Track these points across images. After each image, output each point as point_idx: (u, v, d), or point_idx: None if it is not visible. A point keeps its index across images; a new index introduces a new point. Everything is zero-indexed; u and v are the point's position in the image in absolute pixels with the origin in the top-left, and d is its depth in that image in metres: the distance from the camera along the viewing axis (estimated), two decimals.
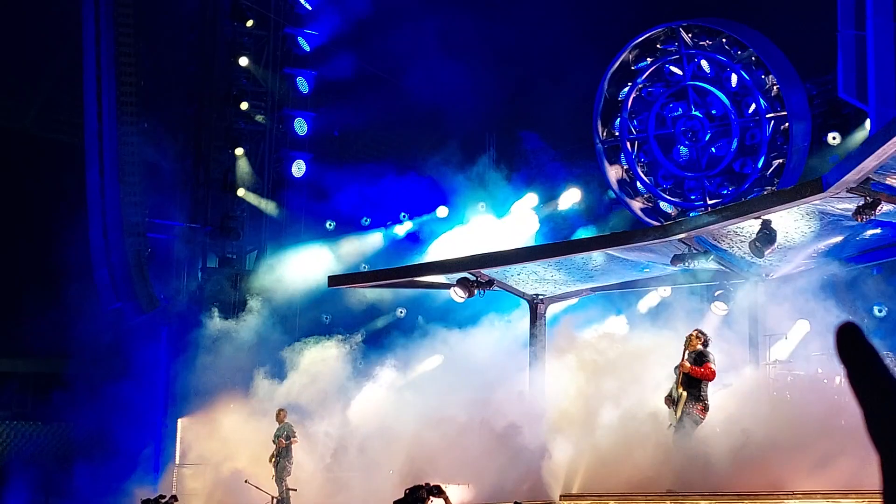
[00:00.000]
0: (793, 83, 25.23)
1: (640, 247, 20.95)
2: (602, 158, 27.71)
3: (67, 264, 28.79)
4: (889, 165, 15.54)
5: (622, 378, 17.87)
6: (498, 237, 29.15)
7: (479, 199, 31.83)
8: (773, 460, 13.07)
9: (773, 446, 13.58)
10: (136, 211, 29.24)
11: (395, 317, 29.93)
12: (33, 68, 29.30)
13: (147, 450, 29.64)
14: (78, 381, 28.59)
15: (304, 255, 31.69)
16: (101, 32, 29.64)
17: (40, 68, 29.37)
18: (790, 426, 14.42)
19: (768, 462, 13.07)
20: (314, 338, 27.40)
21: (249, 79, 31.17)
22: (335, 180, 31.85)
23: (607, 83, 27.39)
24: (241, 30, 31.03)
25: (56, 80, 30.13)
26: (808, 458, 12.80)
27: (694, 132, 26.53)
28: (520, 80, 28.94)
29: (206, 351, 29.73)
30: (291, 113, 31.61)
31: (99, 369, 28.31)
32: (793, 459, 12.92)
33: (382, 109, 30.79)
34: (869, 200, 16.62)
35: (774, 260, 20.07)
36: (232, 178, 30.80)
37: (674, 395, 14.60)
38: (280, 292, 31.36)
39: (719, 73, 26.20)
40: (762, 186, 25.26)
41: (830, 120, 24.93)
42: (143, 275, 29.26)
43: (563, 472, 16.11)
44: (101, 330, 28.80)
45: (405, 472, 17.66)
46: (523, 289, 24.41)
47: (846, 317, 18.52)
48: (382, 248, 31.01)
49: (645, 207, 27.40)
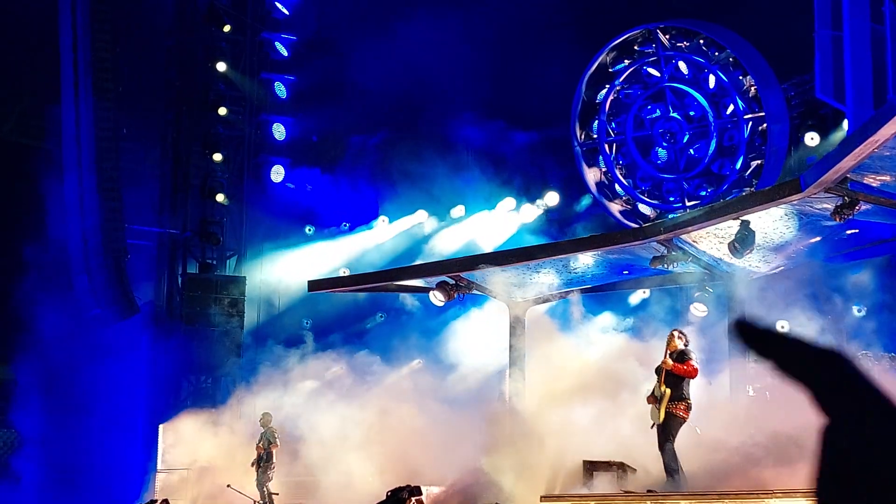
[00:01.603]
0: (770, 84, 25.33)
1: (619, 249, 21.03)
2: (580, 161, 27.77)
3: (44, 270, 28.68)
4: (867, 165, 15.62)
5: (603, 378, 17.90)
6: (478, 239, 29.20)
7: (458, 202, 31.87)
8: (753, 459, 13.11)
9: (753, 445, 13.62)
10: (114, 216, 29.11)
11: (374, 320, 29.93)
12: (10, 75, 29.14)
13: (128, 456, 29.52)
14: (55, 388, 28.46)
15: (284, 259, 31.67)
16: (78, 39, 29.51)
17: (17, 75, 29.21)
18: (770, 425, 14.46)
19: (748, 461, 13.11)
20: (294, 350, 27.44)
21: (227, 84, 31.10)
22: (314, 185, 31.83)
23: (585, 85, 27.45)
24: (219, 35, 30.96)
25: (33, 86, 29.96)
26: (788, 457, 12.83)
27: (672, 134, 26.61)
28: (499, 82, 28.94)
29: (186, 356, 29.68)
30: (269, 118, 31.55)
31: (77, 375, 28.18)
32: (773, 458, 12.96)
33: (361, 114, 30.78)
34: (847, 200, 16.71)
35: (754, 261, 20.13)
36: (211, 183, 30.72)
37: (657, 393, 14.62)
38: (260, 297, 31.35)
39: (697, 75, 26.29)
40: (741, 187, 25.36)
41: (808, 120, 25.03)
42: (123, 281, 29.14)
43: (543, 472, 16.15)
44: (80, 336, 28.67)
45: (389, 473, 17.67)
46: (503, 291, 24.45)
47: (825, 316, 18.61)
48: (362, 251, 30.99)
49: (624, 210, 27.47)
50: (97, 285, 29.03)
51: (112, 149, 29.37)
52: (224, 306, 29.86)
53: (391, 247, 30.61)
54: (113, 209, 29.08)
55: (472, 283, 23.87)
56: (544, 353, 20.82)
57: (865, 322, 19.87)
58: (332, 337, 28.22)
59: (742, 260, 19.37)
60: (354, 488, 20.53)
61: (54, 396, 28.53)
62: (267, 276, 31.67)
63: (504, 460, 17.16)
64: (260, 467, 22.57)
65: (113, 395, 28.97)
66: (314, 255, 31.84)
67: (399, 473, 17.76)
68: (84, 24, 29.48)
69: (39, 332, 28.27)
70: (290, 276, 31.43)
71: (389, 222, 31.60)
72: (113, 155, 29.33)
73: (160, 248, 31.34)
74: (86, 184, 29.17)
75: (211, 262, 31.02)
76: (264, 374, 30.94)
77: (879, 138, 14.20)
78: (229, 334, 29.81)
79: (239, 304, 30.10)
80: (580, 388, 18.08)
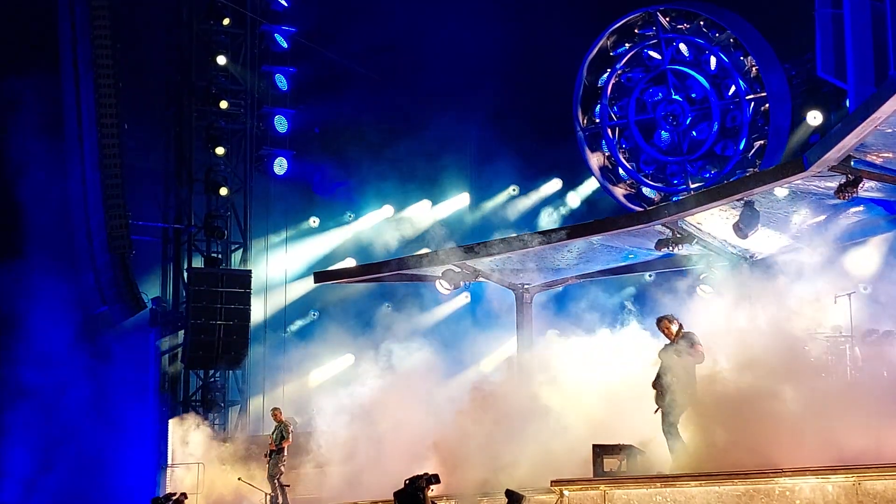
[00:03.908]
0: (771, 64, 25.26)
1: (624, 233, 20.99)
2: (583, 146, 27.72)
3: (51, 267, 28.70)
4: (869, 142, 15.58)
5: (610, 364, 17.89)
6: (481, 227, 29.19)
7: (462, 190, 31.87)
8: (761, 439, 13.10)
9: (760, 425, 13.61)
10: (119, 213, 29.08)
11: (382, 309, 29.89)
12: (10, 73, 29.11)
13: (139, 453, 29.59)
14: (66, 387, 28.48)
15: (289, 251, 31.69)
16: (77, 37, 29.50)
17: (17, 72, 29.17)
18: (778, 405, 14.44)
19: (756, 441, 13.09)
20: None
21: (228, 77, 31.08)
22: (318, 177, 31.81)
23: (586, 70, 27.40)
24: (218, 28, 30.93)
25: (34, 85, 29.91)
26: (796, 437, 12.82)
27: (674, 116, 26.56)
28: (501, 71, 28.85)
29: (193, 351, 29.69)
30: (271, 110, 31.52)
31: (85, 373, 28.19)
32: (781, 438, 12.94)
33: (362, 104, 30.73)
34: (851, 178, 16.66)
35: (758, 241, 20.09)
36: (214, 177, 30.71)
37: (662, 380, 14.56)
38: (267, 290, 31.36)
39: (698, 57, 26.22)
40: (744, 168, 25.31)
41: (810, 99, 24.95)
42: (129, 277, 29.12)
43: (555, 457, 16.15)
44: (87, 333, 28.70)
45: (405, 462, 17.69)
46: (508, 279, 24.44)
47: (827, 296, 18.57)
48: (368, 242, 30.96)
49: (628, 193, 27.43)
50: (103, 283, 29.04)
51: (114, 145, 29.34)
52: (230, 300, 29.84)
53: (396, 236, 30.56)
54: (117, 206, 29.05)
55: (479, 270, 23.87)
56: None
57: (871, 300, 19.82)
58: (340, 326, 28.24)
59: (747, 240, 19.33)
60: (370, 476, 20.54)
61: (62, 395, 28.54)
62: (272, 269, 31.67)
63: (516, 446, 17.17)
64: (271, 460, 22.59)
65: (121, 391, 28.99)
66: (319, 247, 31.86)
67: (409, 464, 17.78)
68: (83, 22, 29.45)
69: (46, 331, 28.29)
70: (296, 267, 31.46)
71: (394, 212, 31.59)
72: (115, 152, 29.29)
73: (165, 243, 31.33)
74: (89, 181, 29.17)
75: (216, 256, 31.01)
76: (272, 367, 31.06)
77: (881, 115, 14.17)
78: (236, 328, 29.81)
79: (245, 298, 30.08)
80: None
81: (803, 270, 18.96)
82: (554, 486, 13.61)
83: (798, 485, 11.23)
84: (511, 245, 22.38)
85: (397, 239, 29.58)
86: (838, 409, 13.50)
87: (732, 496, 11.71)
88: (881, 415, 12.69)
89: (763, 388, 15.03)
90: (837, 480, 10.96)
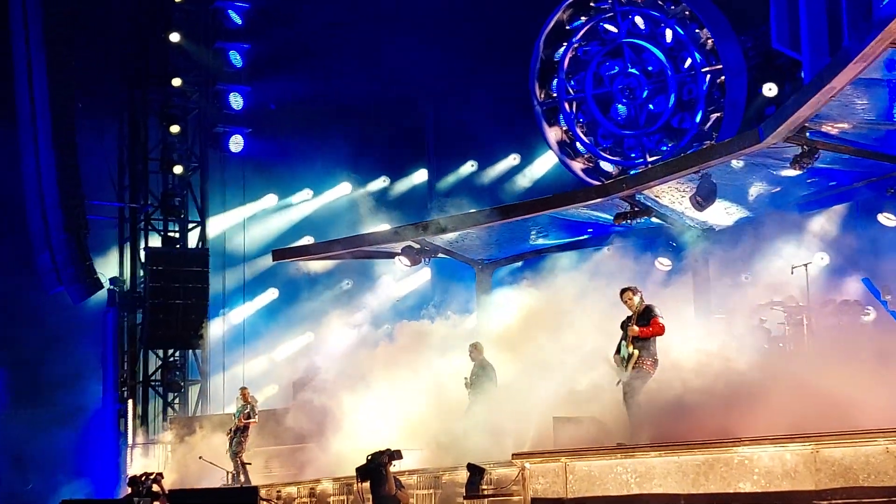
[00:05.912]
0: (727, 36, 25.31)
1: (583, 207, 21.07)
2: (541, 120, 27.69)
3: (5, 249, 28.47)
4: (824, 113, 15.69)
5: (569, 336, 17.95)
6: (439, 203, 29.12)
7: (420, 167, 31.83)
8: (720, 409, 13.20)
9: (719, 396, 13.72)
10: (74, 193, 28.84)
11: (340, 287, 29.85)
12: None
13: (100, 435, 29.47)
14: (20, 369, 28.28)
15: (248, 230, 31.57)
16: (29, 16, 29.16)
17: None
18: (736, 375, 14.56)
19: (715, 411, 13.20)
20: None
21: (181, 54, 30.83)
22: (274, 153, 31.63)
23: (543, 44, 27.33)
24: (170, 5, 30.66)
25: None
26: (754, 406, 12.93)
27: (631, 90, 26.57)
28: (455, 46, 28.73)
29: (151, 330, 29.55)
30: (226, 87, 31.25)
31: (42, 354, 27.98)
32: (740, 407, 13.05)
33: (319, 81, 30.55)
34: (806, 149, 16.80)
35: (716, 213, 20.21)
36: (169, 155, 30.51)
37: (623, 353, 14.60)
38: (224, 267, 31.24)
39: (654, 30, 26.24)
40: (701, 141, 25.39)
41: (766, 71, 25.03)
42: (85, 257, 28.91)
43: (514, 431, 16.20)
44: (43, 315, 28.48)
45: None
46: (468, 254, 24.48)
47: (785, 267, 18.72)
48: (326, 218, 30.88)
49: (586, 168, 27.45)
50: (59, 263, 28.80)
51: (68, 125, 29.07)
52: (188, 279, 29.71)
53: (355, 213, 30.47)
54: (72, 185, 28.80)
55: (438, 246, 23.88)
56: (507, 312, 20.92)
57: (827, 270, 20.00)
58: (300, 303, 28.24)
59: (704, 212, 19.43)
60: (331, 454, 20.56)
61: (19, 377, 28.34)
62: (230, 247, 31.55)
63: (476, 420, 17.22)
64: (235, 438, 22.55)
65: (80, 372, 28.82)
66: (277, 224, 31.75)
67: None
68: (34, 1, 29.13)
69: (1, 313, 28.09)
70: (255, 245, 31.35)
71: (352, 189, 31.52)
72: (70, 131, 29.03)
73: (121, 223, 31.11)
74: (43, 161, 28.89)
75: (173, 236, 30.86)
76: (232, 346, 31.00)
77: (836, 86, 14.25)
78: (195, 307, 29.69)
79: (203, 277, 29.97)
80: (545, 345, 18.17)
81: (760, 242, 19.12)
82: (515, 458, 13.65)
83: (757, 453, 11.31)
84: (470, 220, 22.40)
85: (356, 216, 29.50)
86: (796, 379, 13.63)
87: (692, 465, 11.79)
88: (838, 384, 12.80)
89: (722, 360, 15.17)
90: (795, 448, 11.05)
